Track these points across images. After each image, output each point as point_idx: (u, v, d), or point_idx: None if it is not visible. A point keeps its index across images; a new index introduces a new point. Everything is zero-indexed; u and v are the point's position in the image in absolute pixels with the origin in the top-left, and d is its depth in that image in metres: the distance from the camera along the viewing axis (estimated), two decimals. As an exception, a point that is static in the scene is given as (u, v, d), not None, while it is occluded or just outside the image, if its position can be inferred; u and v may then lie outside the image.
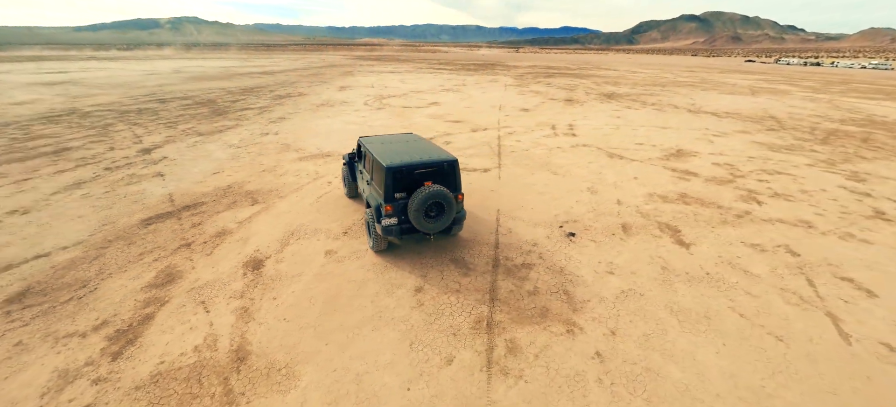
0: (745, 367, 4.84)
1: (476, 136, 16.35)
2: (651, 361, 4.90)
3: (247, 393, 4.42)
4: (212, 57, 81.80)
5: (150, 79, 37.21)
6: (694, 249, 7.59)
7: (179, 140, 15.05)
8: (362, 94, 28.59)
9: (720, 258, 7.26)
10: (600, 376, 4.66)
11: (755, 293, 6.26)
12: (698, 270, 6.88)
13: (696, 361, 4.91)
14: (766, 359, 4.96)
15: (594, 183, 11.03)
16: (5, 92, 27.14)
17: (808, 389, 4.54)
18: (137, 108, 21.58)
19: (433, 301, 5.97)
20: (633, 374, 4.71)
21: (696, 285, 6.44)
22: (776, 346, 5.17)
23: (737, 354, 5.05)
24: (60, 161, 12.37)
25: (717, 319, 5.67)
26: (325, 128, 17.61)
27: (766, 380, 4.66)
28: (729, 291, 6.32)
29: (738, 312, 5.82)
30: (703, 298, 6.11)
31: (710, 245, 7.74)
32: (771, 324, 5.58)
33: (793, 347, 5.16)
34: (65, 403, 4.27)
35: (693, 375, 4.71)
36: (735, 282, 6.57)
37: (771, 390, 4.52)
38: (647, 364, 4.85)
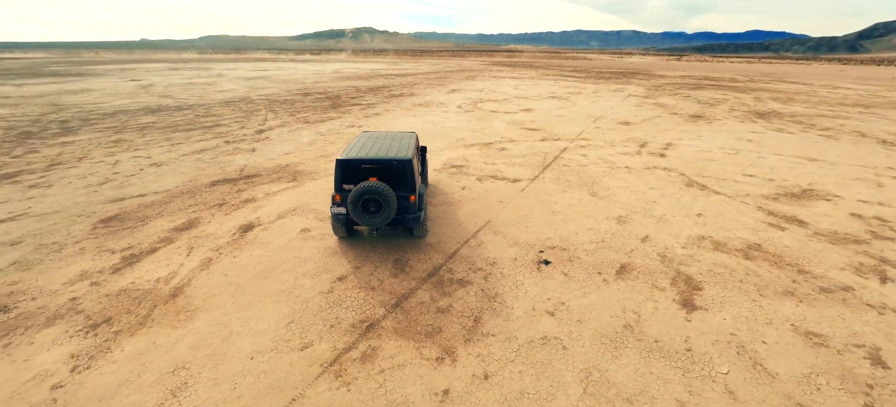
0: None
1: (539, 146, 15.21)
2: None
3: (156, 320, 5.45)
4: (371, 61, 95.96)
5: (312, 77, 46.09)
6: (699, 315, 5.65)
7: (288, 126, 18.49)
8: (464, 98, 29.50)
9: (732, 338, 5.23)
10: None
11: (742, 400, 4.35)
12: (679, 344, 5.13)
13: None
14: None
15: (633, 212, 9.09)
16: (220, 83, 37.60)
17: None
18: (284, 99, 27.22)
19: (343, 292, 6.10)
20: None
21: (655, 361, 4.84)
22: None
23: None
24: (207, 133, 16.73)
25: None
26: (404, 125, 18.97)
27: None
28: (702, 382, 4.56)
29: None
30: (649, 380, 4.57)
31: (731, 317, 5.62)
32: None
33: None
34: (70, 289, 6.04)
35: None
36: (725, 372, 4.67)
37: None
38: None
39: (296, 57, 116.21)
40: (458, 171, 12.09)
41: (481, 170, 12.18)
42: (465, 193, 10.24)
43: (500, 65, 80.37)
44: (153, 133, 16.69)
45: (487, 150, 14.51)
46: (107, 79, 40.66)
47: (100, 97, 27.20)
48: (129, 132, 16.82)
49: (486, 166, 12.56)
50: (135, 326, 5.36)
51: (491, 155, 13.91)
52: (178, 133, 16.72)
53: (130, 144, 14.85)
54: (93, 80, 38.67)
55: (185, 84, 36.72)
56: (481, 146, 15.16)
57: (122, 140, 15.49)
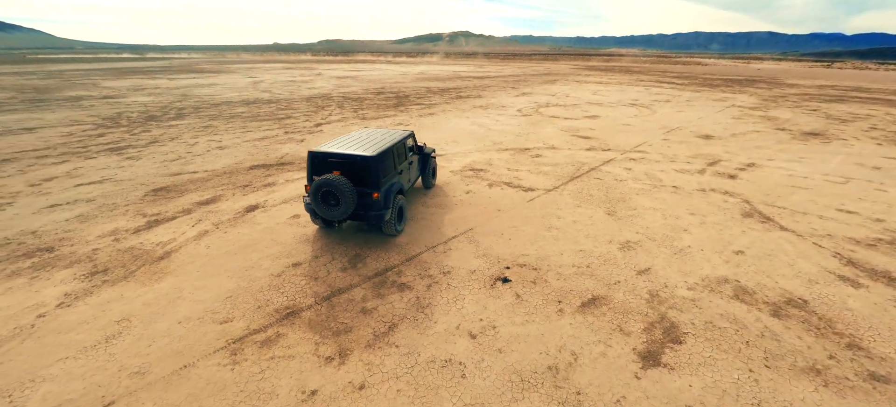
0: None
1: (581, 155, 13.84)
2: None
3: (136, 276, 6.36)
4: (459, 63, 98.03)
5: (395, 78, 48.85)
6: (656, 374, 4.54)
7: (345, 121, 19.91)
8: (531, 101, 28.34)
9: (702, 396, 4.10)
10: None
11: (649, 484, 3.38)
12: (607, 403, 4.20)
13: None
14: None
15: (648, 239, 7.71)
16: (314, 82, 42.16)
17: None
18: (357, 97, 29.39)
19: (290, 277, 6.34)
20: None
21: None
22: None
23: None
24: (276, 124, 18.92)
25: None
26: (451, 126, 18.99)
27: None
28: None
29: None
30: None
31: (701, 386, 4.40)
32: None
33: None
34: (97, 242, 7.39)
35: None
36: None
37: None
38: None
39: (392, 59, 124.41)
40: (475, 175, 11.65)
41: (499, 176, 11.55)
42: (467, 198, 9.82)
43: (593, 69, 75.26)
44: (236, 121, 19.47)
45: (519, 156, 13.71)
46: (232, 76, 48.64)
47: (218, 90, 32.66)
48: (220, 120, 19.89)
49: (507, 172, 11.87)
50: (119, 278, 6.33)
51: (520, 161, 13.10)
52: (254, 122, 19.24)
53: (214, 130, 17.54)
54: (222, 77, 46.61)
55: (287, 81, 42.00)
56: (516, 151, 14.38)
57: (211, 126, 18.38)
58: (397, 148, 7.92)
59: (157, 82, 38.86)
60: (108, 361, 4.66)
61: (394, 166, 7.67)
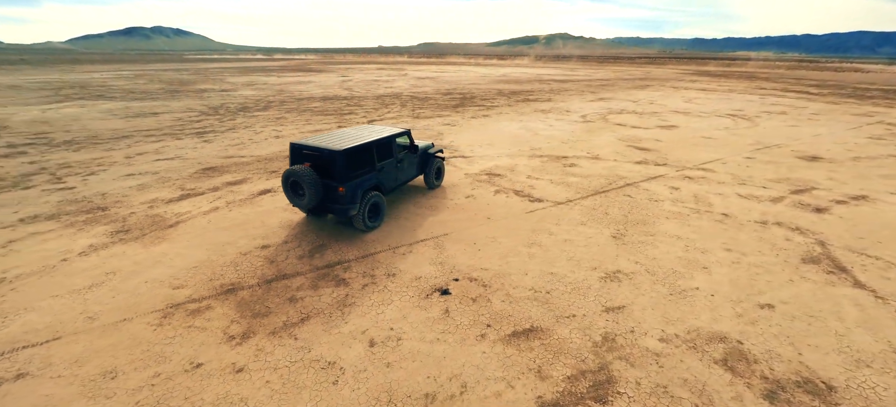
0: None
1: (623, 168, 12.20)
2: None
3: (143, 239, 7.47)
4: (549, 66, 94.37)
5: (472, 79, 49.08)
6: (550, 430, 3.76)
7: (399, 118, 20.66)
8: (602, 107, 25.96)
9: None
10: (188, 389, 4.33)
11: None
12: (473, 445, 3.62)
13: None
14: None
15: (645, 273, 6.45)
16: (395, 82, 44.61)
17: None
18: (425, 97, 30.28)
19: (252, 257, 6.81)
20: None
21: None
22: None
23: None
24: (336, 118, 20.50)
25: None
26: (497, 129, 18.38)
27: None
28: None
29: None
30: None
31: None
32: None
33: None
34: (137, 207, 8.88)
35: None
36: None
37: None
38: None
39: (482, 61, 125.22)
40: (489, 179, 11.07)
41: (514, 183, 10.79)
42: (464, 202, 9.39)
43: (703, 75, 65.96)
44: (305, 115, 21.61)
45: (550, 164, 12.63)
46: (329, 75, 54.10)
47: (309, 88, 36.64)
48: (293, 113, 22.29)
49: (524, 180, 11.04)
50: (132, 238, 7.51)
51: (547, 169, 12.07)
52: (318, 116, 21.12)
53: (283, 122, 19.73)
54: (320, 76, 52.18)
55: (371, 81, 45.21)
56: (550, 158, 13.29)
57: (283, 118, 20.71)
58: (378, 146, 7.91)
59: (267, 79, 45.13)
60: (79, 304, 5.56)
61: (369, 164, 7.68)
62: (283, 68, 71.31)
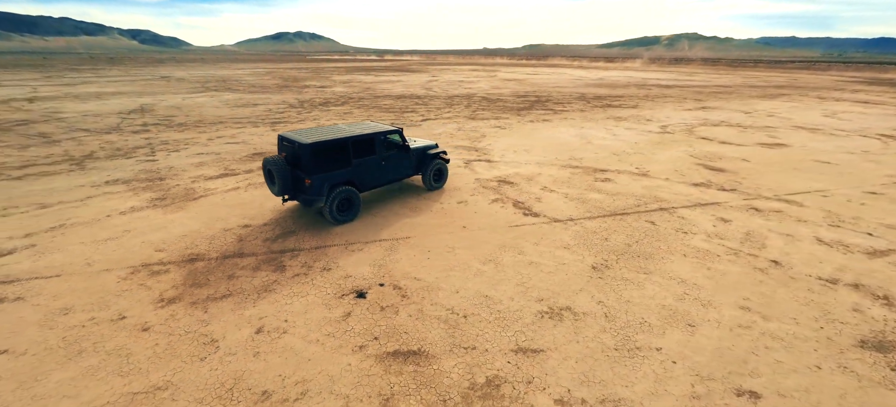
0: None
1: (668, 190, 10.23)
2: (88, 360, 4.50)
3: (168, 206, 8.89)
4: (660, 70, 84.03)
5: (560, 82, 46.42)
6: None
7: (453, 120, 20.71)
8: (695, 118, 22.13)
9: None
10: (102, 336, 5.10)
11: None
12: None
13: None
14: None
15: (601, 317, 5.33)
16: (476, 83, 44.71)
17: None
18: (495, 98, 29.75)
19: (229, 235, 7.56)
20: (80, 345, 4.72)
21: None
22: None
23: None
24: (394, 115, 21.46)
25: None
26: (547, 135, 17.08)
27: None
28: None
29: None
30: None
31: None
32: None
33: None
34: (182, 180, 10.61)
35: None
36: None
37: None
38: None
39: (586, 64, 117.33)
40: (497, 187, 10.35)
41: (522, 193, 9.90)
42: (450, 207, 8.95)
43: (880, 84, 51.65)
44: (370, 110, 23.09)
45: (578, 177, 11.25)
46: (419, 75, 56.80)
47: (393, 87, 39.02)
48: (363, 109, 24.02)
49: (536, 191, 10.04)
50: (162, 206, 8.99)
51: (572, 182, 10.77)
52: (380, 112, 22.36)
53: (349, 115, 21.39)
54: (411, 76, 55.11)
55: (455, 81, 46.11)
56: (585, 170, 11.83)
57: (350, 112, 22.46)
58: (355, 142, 8.02)
59: (363, 78, 49.40)
60: (90, 252, 6.89)
61: (343, 159, 7.84)
62: (385, 68, 77.16)
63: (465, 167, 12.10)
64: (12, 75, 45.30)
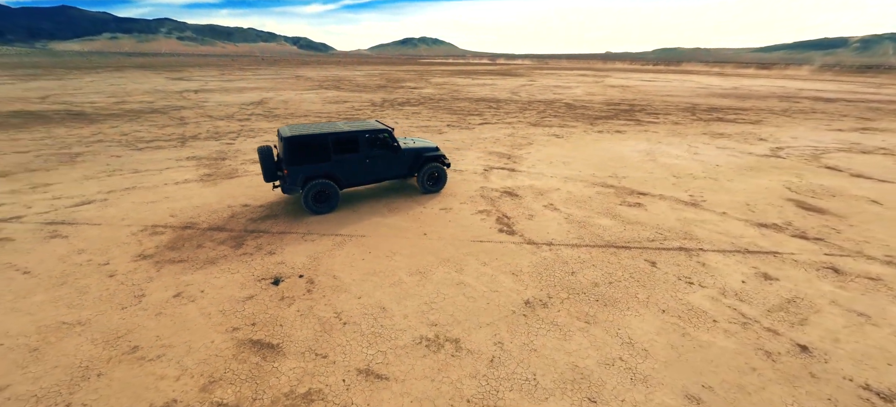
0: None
1: (718, 229, 8.10)
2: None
3: (212, 180, 10.60)
4: (834, 79, 65.93)
5: (679, 91, 40.23)
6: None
7: (513, 125, 19.86)
8: (840, 141, 16.87)
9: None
10: (86, 275, 6.44)
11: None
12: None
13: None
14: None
15: (487, 361, 4.57)
16: (571, 89, 41.82)
17: None
18: (582, 105, 27.47)
19: (230, 212, 8.67)
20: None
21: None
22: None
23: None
24: (457, 117, 21.56)
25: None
26: (607, 148, 15.08)
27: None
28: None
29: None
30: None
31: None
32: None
33: None
34: (236, 162, 12.54)
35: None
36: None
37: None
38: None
39: (728, 71, 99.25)
40: (498, 198, 9.59)
41: (519, 208, 8.98)
42: (432, 214, 8.63)
43: None
44: (441, 112, 23.61)
45: (604, 198, 9.67)
46: (513, 79, 55.71)
47: (480, 90, 39.15)
48: (436, 110, 24.73)
49: (537, 208, 8.99)
50: (205, 181, 10.75)
51: (591, 203, 9.33)
52: (454, 116, 22.68)
53: (417, 115, 22.28)
54: (508, 80, 54.47)
55: (547, 86, 43.99)
56: (619, 191, 10.12)
57: (418, 112, 23.35)
58: (336, 139, 8.32)
59: (458, 81, 50.71)
60: (132, 211, 8.67)
61: (322, 155, 8.23)
62: (489, 72, 77.82)
63: (480, 174, 11.51)
64: (201, 73, 59.16)
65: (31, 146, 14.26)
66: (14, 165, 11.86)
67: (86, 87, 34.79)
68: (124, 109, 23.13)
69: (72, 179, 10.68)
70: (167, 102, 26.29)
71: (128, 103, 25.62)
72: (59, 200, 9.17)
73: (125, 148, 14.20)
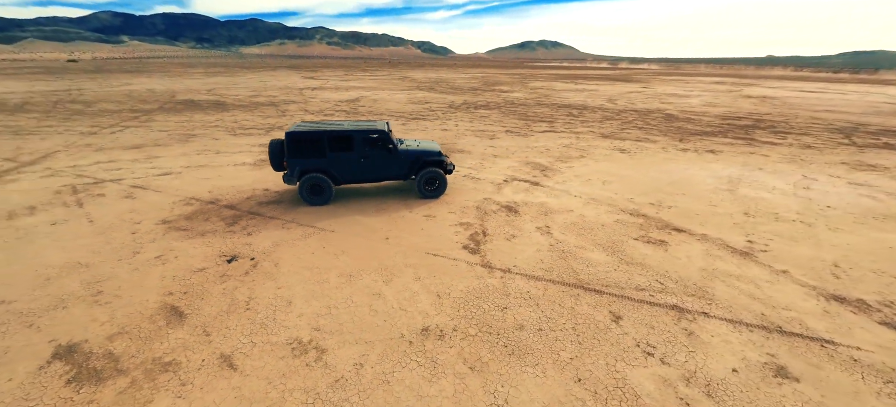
0: None
1: (765, 296, 6.12)
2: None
3: (260, 164, 12.29)
4: None
5: (835, 105, 31.13)
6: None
7: (580, 136, 18.04)
8: None
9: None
10: (125, 232, 8.16)
11: None
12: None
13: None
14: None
15: (332, 384, 4.32)
16: (686, 97, 35.79)
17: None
18: (685, 118, 23.44)
19: (253, 192, 9.90)
20: (104, 230, 7.74)
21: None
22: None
23: None
24: (522, 122, 20.54)
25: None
26: (680, 171, 12.54)
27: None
28: None
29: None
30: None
31: None
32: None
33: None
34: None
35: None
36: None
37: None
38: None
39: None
40: (494, 211, 8.87)
41: (504, 226, 8.17)
42: (411, 219, 8.44)
43: None
44: (512, 117, 22.81)
45: (620, 227, 8.14)
46: (622, 86, 50.14)
47: (577, 97, 36.43)
48: (502, 114, 24.02)
49: (528, 228, 8.05)
50: (256, 166, 12.47)
51: (600, 231, 7.97)
52: (515, 118, 21.78)
53: (486, 119, 21.98)
54: (614, 86, 49.45)
55: (664, 94, 38.50)
56: (640, 222, 8.40)
57: (488, 116, 22.94)
58: (330, 137, 8.73)
59: (557, 85, 48.08)
60: (189, 185, 10.58)
61: (318, 151, 8.73)
62: (601, 77, 72.00)
63: (496, 184, 10.77)
64: (331, 73, 68.36)
65: (171, 127, 18.53)
66: (149, 141, 15.61)
67: (241, 83, 43.48)
68: (253, 102, 28.24)
69: (174, 155, 13.56)
70: (285, 97, 31.18)
71: (259, 97, 31.18)
72: (153, 170, 11.77)
73: (226, 133, 17.37)
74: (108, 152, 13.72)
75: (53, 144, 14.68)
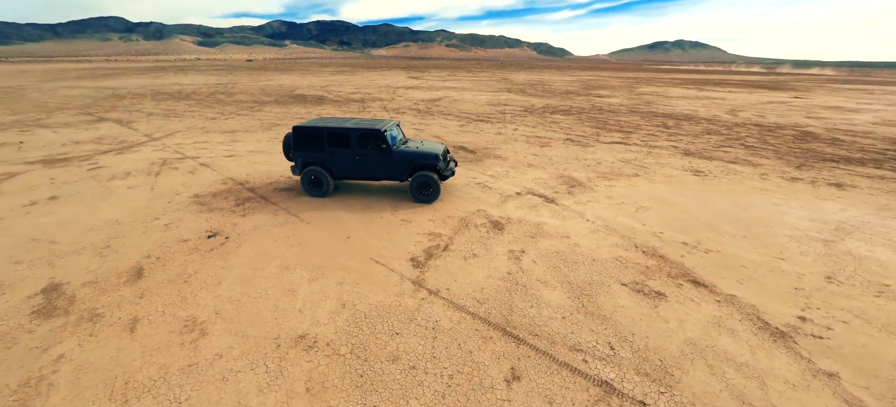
0: None
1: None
2: (139, 203, 9.14)
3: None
4: None
5: None
6: None
7: (652, 152, 15.36)
8: None
9: (-6, 301, 5.62)
10: (156, 205, 9.90)
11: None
12: None
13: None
14: None
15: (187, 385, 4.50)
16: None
17: None
18: (792, 136, 18.10)
19: (281, 178, 11.00)
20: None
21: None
22: None
23: None
24: (605, 131, 18.41)
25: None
26: (764, 210, 9.68)
27: None
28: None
29: None
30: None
31: (-12, 315, 5.26)
32: None
33: None
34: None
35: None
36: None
37: None
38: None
39: None
40: (474, 226, 8.14)
41: (475, 246, 7.41)
42: (386, 221, 8.29)
43: None
44: (583, 124, 20.68)
45: (618, 268, 6.66)
46: (762, 95, 40.72)
47: (686, 106, 31.10)
48: (579, 123, 21.86)
49: (499, 253, 7.20)
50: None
51: (586, 270, 6.74)
52: (589, 126, 19.63)
53: (555, 125, 20.42)
54: (753, 95, 40.60)
55: (821, 106, 30.32)
56: (653, 264, 6.78)
57: (557, 122, 21.18)
58: (329, 133, 9.06)
59: (670, 91, 41.68)
60: (235, 167, 12.29)
61: (317, 146, 9.17)
62: (743, 83, 60.58)
63: (504, 197, 9.83)
64: (436, 73, 71.47)
65: (269, 117, 21.77)
66: (243, 127, 18.61)
67: (352, 82, 48.64)
68: (348, 98, 31.37)
69: (251, 141, 15.91)
70: (376, 95, 33.80)
71: (356, 94, 34.47)
72: (225, 152, 14.01)
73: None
74: (209, 134, 16.81)
75: (181, 125, 18.62)
